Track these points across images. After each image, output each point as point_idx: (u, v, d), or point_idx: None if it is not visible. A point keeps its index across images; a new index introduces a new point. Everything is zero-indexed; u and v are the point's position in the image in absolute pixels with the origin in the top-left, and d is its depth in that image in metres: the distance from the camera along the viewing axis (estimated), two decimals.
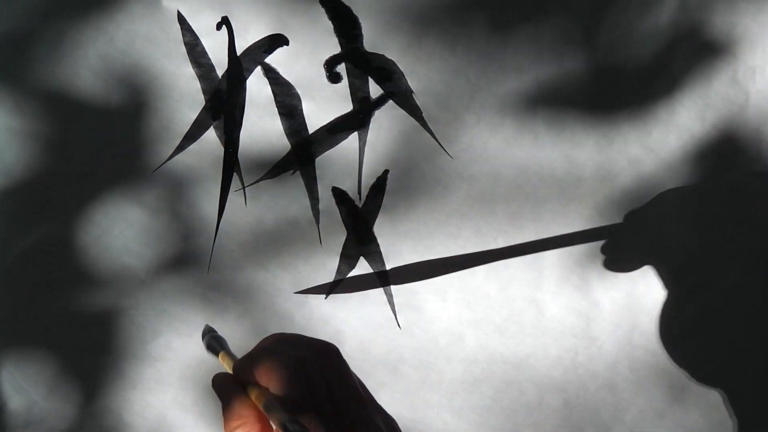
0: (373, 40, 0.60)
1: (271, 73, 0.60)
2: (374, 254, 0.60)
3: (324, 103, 0.60)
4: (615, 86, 0.59)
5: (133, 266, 0.61)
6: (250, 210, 0.61)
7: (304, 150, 0.60)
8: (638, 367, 0.58)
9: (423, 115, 0.60)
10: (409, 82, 0.60)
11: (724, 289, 0.59)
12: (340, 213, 0.60)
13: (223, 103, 0.60)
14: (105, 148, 0.60)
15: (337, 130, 0.60)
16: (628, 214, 0.59)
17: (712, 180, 0.59)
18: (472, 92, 0.59)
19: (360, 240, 0.60)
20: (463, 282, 0.59)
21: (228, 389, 0.38)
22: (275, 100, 0.60)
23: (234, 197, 0.60)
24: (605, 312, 0.58)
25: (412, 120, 0.60)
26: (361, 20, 0.60)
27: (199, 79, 0.60)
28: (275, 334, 0.40)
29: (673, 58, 0.59)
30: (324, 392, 0.36)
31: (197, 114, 0.60)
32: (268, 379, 0.36)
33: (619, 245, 0.58)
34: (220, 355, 0.41)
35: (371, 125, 0.60)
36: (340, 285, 0.60)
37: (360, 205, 0.60)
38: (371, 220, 0.60)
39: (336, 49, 0.60)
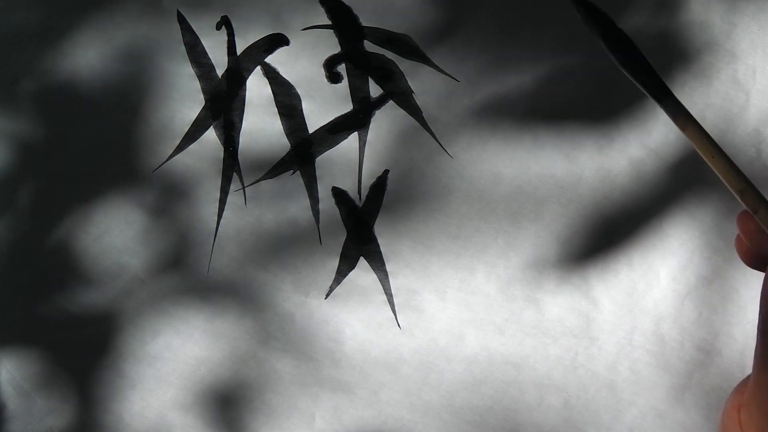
0: (373, 41, 0.60)
1: (271, 73, 0.60)
2: (374, 254, 0.60)
3: (324, 103, 0.60)
4: (615, 86, 0.59)
5: (133, 266, 0.61)
6: (249, 210, 0.61)
7: (304, 150, 0.60)
8: (638, 367, 0.58)
9: (423, 115, 0.60)
10: (409, 82, 0.60)
11: (724, 289, 0.59)
12: (340, 213, 0.60)
13: (223, 103, 0.60)
14: (105, 148, 0.60)
15: (337, 130, 0.60)
16: (628, 214, 0.59)
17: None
18: (472, 92, 0.59)
19: (360, 240, 0.60)
20: (463, 282, 0.59)
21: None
22: (275, 100, 0.60)
23: (234, 197, 0.60)
24: (605, 312, 0.58)
25: (412, 120, 0.60)
26: (361, 20, 0.60)
27: (199, 79, 0.60)
28: None
29: (674, 58, 0.59)
30: None
31: (197, 114, 0.60)
32: None
33: (620, 245, 0.58)
34: None
35: (371, 125, 0.60)
36: (340, 285, 0.60)
37: (360, 205, 0.60)
38: (371, 220, 0.60)
39: (336, 49, 0.60)
